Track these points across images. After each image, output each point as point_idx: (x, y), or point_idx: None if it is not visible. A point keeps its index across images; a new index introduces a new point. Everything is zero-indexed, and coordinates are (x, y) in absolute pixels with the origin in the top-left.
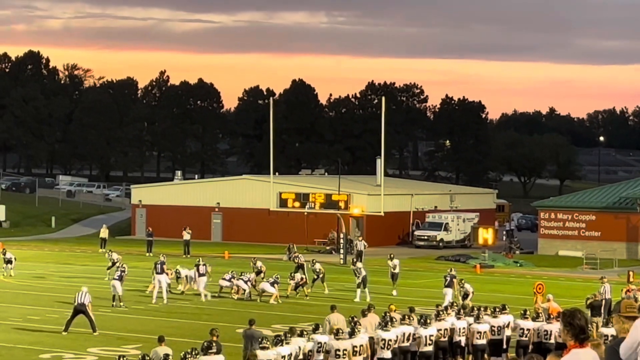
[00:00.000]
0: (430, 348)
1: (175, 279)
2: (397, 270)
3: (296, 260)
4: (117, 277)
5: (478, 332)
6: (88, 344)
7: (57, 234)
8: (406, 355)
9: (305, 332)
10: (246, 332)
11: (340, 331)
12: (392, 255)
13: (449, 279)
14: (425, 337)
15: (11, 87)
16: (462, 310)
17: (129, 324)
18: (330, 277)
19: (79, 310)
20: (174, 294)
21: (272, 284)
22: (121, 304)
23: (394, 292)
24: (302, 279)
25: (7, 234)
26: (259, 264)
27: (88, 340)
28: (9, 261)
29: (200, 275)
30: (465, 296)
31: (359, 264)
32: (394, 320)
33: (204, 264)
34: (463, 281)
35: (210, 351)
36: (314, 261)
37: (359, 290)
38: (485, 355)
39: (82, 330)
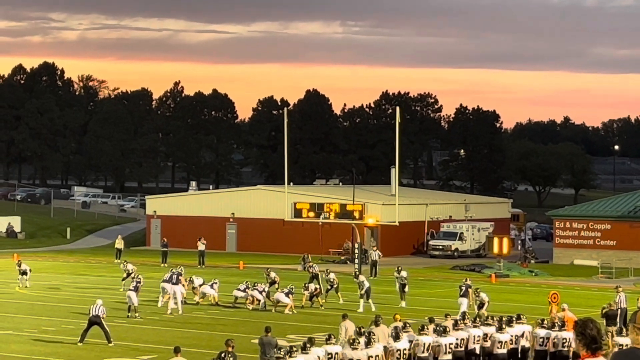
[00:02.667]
0: (449, 357)
1: (192, 289)
2: (406, 282)
3: (311, 270)
4: (132, 288)
5: (499, 342)
6: (104, 354)
7: (72, 245)
8: None
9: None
10: (263, 339)
11: (357, 341)
12: (399, 268)
13: (464, 288)
14: (445, 345)
15: (26, 99)
16: (477, 319)
17: (145, 335)
18: (345, 287)
19: (94, 321)
20: (189, 304)
21: (287, 294)
22: (136, 314)
23: (403, 304)
24: (316, 289)
25: (22, 245)
26: (272, 274)
27: (104, 351)
28: (24, 272)
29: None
30: (480, 305)
31: (362, 277)
32: (400, 330)
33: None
34: (479, 290)
35: None
36: (328, 271)
37: (362, 301)
38: None
39: (98, 341)
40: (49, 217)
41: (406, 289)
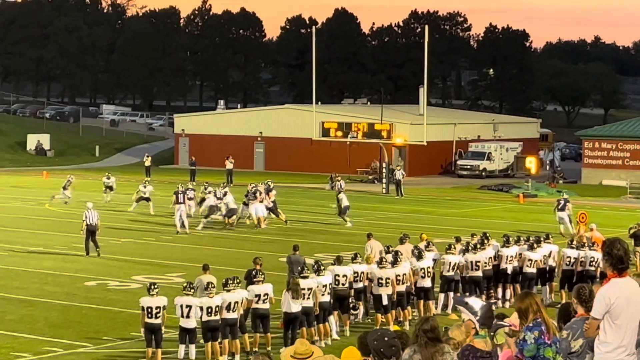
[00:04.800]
0: (479, 273)
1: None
2: (346, 204)
3: (335, 187)
4: (182, 201)
5: (529, 260)
6: (132, 272)
7: (101, 162)
8: (450, 285)
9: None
10: (290, 257)
11: (384, 260)
12: (340, 189)
13: (562, 202)
14: (472, 262)
15: (55, 17)
16: (510, 239)
17: (173, 253)
18: (372, 206)
19: (92, 231)
20: (216, 222)
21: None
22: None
23: (349, 224)
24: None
25: (51, 163)
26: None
27: (132, 269)
28: (109, 187)
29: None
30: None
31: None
32: (423, 249)
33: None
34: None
35: (256, 279)
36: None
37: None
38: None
39: (128, 258)
40: (77, 135)
41: (348, 212)
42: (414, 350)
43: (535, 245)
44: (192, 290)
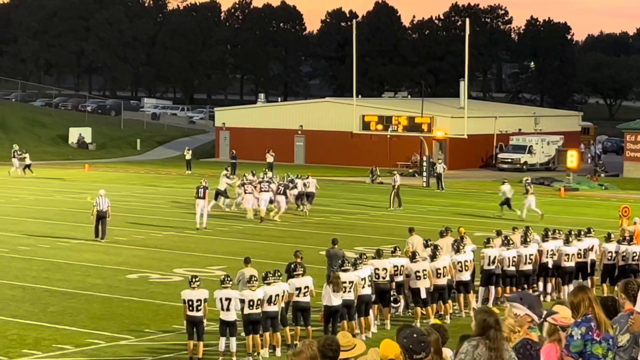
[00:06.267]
0: (529, 267)
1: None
2: (312, 189)
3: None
4: (202, 196)
5: (566, 255)
6: (174, 264)
7: (142, 156)
8: (490, 278)
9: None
10: (329, 251)
11: (417, 254)
12: (302, 175)
13: (530, 188)
14: (526, 256)
15: (96, 10)
16: (548, 233)
17: (214, 246)
18: (413, 199)
19: (102, 216)
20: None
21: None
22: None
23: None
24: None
25: (93, 156)
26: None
27: (174, 261)
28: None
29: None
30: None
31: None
32: (460, 242)
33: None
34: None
35: (296, 273)
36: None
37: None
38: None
39: (169, 250)
40: (119, 128)
41: (312, 198)
42: (474, 346)
43: (570, 239)
44: (231, 283)
